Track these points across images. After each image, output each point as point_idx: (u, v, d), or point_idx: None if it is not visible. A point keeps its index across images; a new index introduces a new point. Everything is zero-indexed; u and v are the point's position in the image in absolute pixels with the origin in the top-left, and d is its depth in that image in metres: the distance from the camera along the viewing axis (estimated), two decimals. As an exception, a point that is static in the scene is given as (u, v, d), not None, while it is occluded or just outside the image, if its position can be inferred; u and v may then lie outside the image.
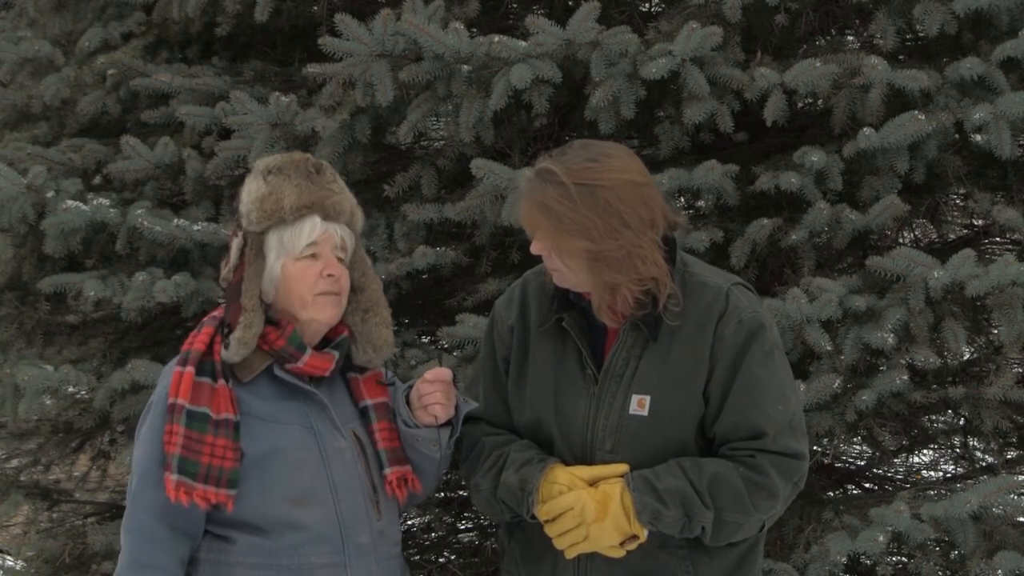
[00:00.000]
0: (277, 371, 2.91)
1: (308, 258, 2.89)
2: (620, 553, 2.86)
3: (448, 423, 2.98)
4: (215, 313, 2.97)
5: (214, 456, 2.80)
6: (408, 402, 2.99)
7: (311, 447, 2.89)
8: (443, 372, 2.97)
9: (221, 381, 2.85)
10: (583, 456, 2.91)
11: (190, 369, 2.84)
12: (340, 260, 2.94)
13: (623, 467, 2.86)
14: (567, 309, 2.94)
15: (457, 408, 2.98)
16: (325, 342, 2.98)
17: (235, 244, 2.92)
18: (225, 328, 2.88)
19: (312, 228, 2.89)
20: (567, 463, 2.91)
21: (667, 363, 2.87)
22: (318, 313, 2.90)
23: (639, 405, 2.86)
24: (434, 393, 2.94)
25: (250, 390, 2.89)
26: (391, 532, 3.00)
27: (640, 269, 2.80)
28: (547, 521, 2.88)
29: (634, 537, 2.85)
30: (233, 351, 2.86)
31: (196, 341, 2.89)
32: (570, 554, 2.89)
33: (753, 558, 2.99)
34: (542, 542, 2.93)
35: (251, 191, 2.92)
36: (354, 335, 3.00)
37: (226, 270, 2.93)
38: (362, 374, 3.03)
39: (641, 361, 2.88)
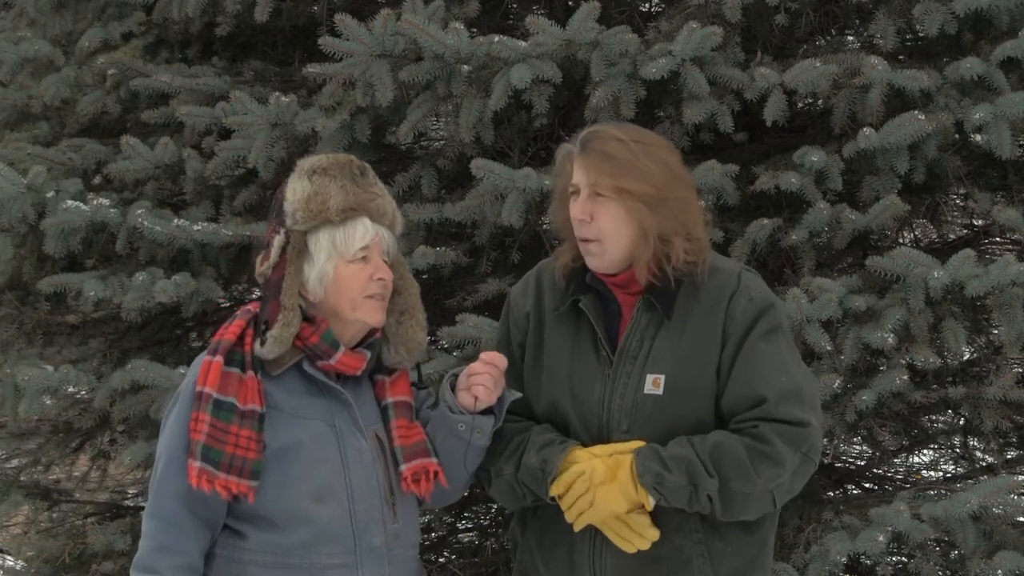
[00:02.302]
0: (307, 367, 2.92)
1: (360, 261, 2.91)
2: (632, 547, 2.87)
3: (490, 411, 2.98)
4: (249, 307, 2.97)
5: (238, 446, 2.80)
6: (453, 388, 2.99)
7: (331, 445, 2.90)
8: (499, 357, 2.97)
9: (250, 372, 2.86)
10: (600, 438, 2.92)
11: (219, 359, 2.85)
12: (385, 263, 2.96)
13: (640, 443, 2.87)
14: (583, 292, 2.96)
15: (501, 398, 2.98)
16: (359, 341, 2.99)
17: (277, 241, 2.91)
18: (262, 325, 2.88)
19: (364, 231, 2.91)
20: (585, 445, 2.92)
21: (680, 342, 2.89)
22: (367, 316, 2.92)
23: (654, 384, 2.88)
24: (483, 375, 2.94)
25: (278, 383, 2.90)
26: (408, 535, 2.99)
27: (692, 228, 2.89)
28: (562, 497, 2.89)
29: (642, 508, 2.85)
30: (269, 349, 2.86)
31: (227, 332, 2.90)
32: (578, 525, 2.88)
33: (767, 552, 2.98)
34: (558, 529, 2.95)
35: (296, 190, 2.92)
36: (386, 336, 3.01)
37: (264, 266, 2.92)
38: (389, 376, 3.04)
39: (655, 341, 2.90)
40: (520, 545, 3.10)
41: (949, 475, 5.70)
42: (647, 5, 5.10)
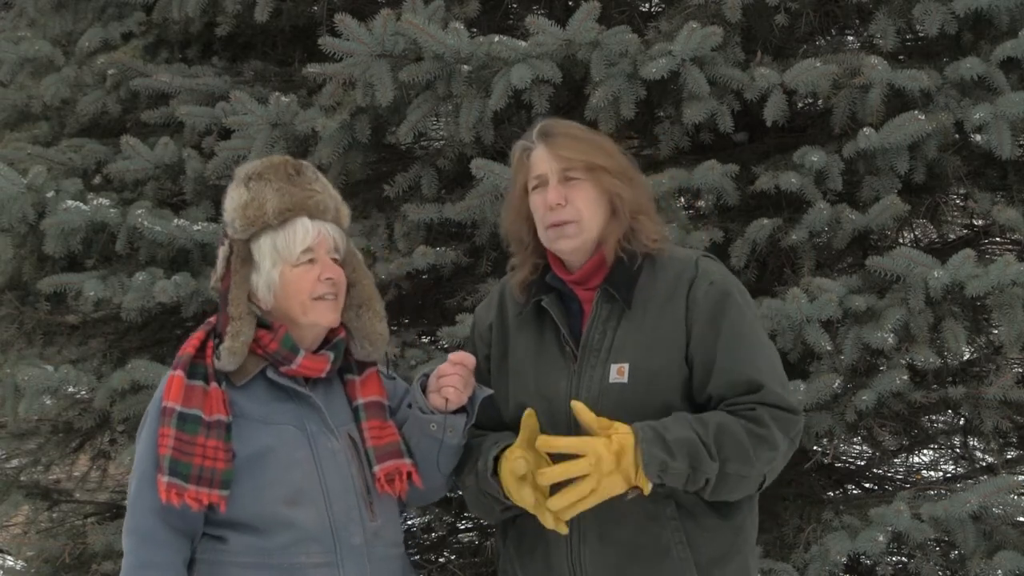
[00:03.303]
0: (271, 374, 2.91)
1: (306, 264, 2.90)
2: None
3: (463, 410, 2.98)
4: (211, 319, 2.98)
5: (206, 457, 2.80)
6: (424, 388, 2.98)
7: (303, 448, 2.89)
8: (467, 357, 2.97)
9: (213, 384, 2.86)
10: (567, 434, 2.90)
11: (179, 373, 2.86)
12: (336, 261, 2.95)
13: (622, 425, 2.84)
14: (545, 293, 2.99)
15: (473, 396, 2.98)
16: (323, 342, 2.98)
17: (221, 252, 2.94)
18: (216, 338, 2.89)
19: (305, 232, 2.90)
20: None
21: (642, 330, 2.91)
22: (319, 318, 2.91)
23: (619, 373, 2.90)
24: (452, 376, 2.94)
25: (244, 393, 2.90)
26: (388, 533, 2.99)
27: (651, 211, 2.98)
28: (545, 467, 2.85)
29: (636, 488, 2.82)
30: (225, 361, 2.87)
31: (187, 346, 2.91)
32: (565, 514, 2.82)
33: (744, 537, 2.98)
34: (535, 532, 2.95)
35: (233, 199, 2.94)
36: (350, 331, 3.01)
37: (214, 279, 2.96)
38: (359, 375, 3.03)
39: (618, 331, 2.93)
40: (502, 554, 3.11)
41: (949, 475, 5.70)
42: (647, 5, 5.10)
